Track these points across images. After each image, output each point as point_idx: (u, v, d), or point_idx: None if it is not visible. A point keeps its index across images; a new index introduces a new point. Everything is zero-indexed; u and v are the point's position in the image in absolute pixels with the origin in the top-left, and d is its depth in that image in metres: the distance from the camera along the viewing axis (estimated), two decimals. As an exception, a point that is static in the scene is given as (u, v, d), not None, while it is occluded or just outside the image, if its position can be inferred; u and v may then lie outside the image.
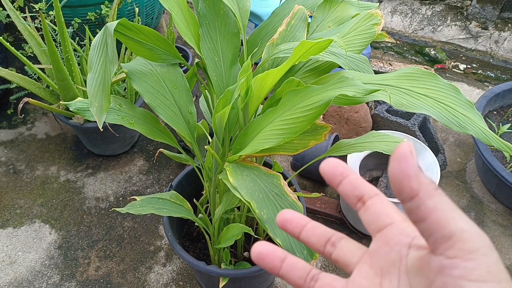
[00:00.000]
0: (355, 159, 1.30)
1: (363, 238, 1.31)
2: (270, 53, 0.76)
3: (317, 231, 0.33)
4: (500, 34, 2.08)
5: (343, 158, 1.30)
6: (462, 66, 2.06)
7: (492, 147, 1.39)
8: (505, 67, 2.05)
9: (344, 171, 0.30)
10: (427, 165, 1.27)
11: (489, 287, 0.23)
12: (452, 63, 2.08)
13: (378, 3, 1.34)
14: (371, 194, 0.30)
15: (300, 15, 0.81)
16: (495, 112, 1.62)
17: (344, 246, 0.32)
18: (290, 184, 1.05)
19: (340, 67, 0.73)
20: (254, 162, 0.76)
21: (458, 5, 2.13)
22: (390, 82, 0.66)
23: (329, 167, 0.31)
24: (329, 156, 0.82)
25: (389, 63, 1.92)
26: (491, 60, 2.08)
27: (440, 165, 1.29)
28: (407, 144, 0.25)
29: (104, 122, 0.70)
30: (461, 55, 2.12)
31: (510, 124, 1.45)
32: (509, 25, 2.06)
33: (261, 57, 0.80)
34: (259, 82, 0.70)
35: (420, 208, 0.25)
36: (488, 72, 2.03)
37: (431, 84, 0.64)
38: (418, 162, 0.25)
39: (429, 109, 0.62)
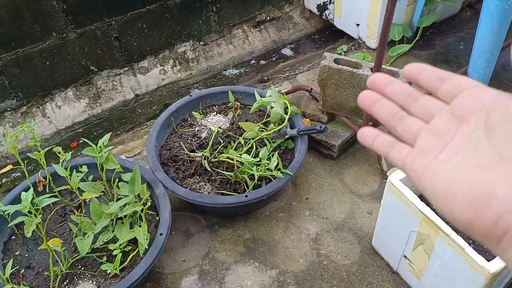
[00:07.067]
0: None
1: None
2: None
3: (402, 86, 0.36)
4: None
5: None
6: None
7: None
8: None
9: (421, 66, 0.36)
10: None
11: None
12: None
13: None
14: (449, 74, 0.34)
15: None
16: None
17: (426, 99, 0.35)
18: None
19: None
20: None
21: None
22: None
23: (411, 68, 0.36)
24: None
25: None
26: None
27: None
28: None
29: None
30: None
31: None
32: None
33: None
34: None
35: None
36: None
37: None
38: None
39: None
